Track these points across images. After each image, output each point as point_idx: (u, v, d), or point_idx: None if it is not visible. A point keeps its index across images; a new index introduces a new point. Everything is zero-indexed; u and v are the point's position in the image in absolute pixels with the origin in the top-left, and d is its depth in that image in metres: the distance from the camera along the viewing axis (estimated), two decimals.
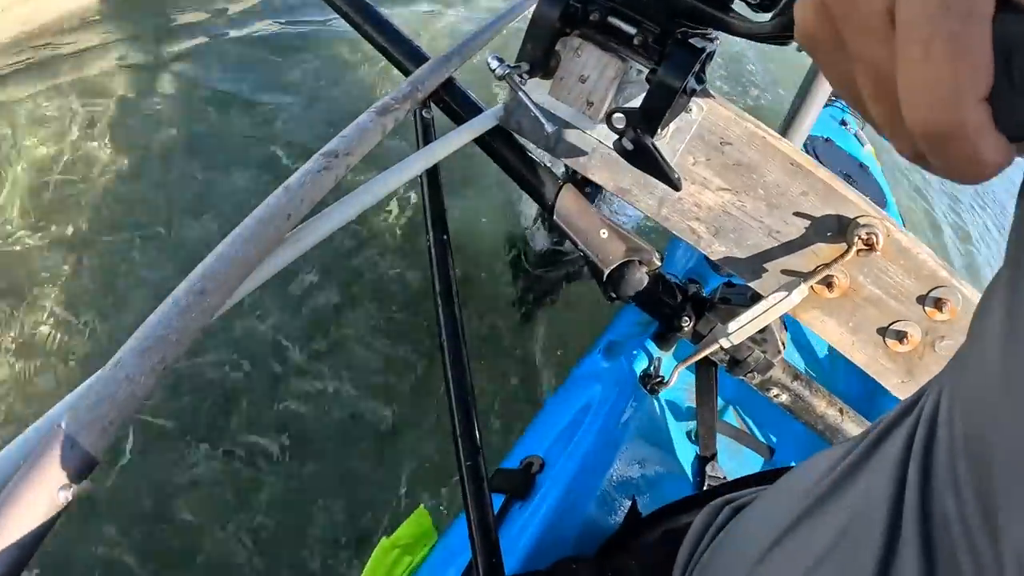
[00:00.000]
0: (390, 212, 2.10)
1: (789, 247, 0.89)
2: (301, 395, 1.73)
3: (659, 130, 0.79)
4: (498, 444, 1.66)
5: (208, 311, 0.58)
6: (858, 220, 0.85)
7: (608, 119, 0.80)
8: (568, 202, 0.99)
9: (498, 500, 0.92)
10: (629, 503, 0.90)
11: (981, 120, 0.26)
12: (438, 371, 0.87)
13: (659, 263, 0.98)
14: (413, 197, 2.10)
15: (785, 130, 1.55)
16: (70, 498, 0.46)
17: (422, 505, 0.93)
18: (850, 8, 0.27)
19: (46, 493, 0.45)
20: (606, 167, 0.93)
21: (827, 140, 1.99)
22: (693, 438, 1.15)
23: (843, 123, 2.27)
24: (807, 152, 1.85)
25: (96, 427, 0.48)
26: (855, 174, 1.92)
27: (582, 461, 0.94)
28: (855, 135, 2.24)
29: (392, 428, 1.72)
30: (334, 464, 1.65)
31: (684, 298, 1.03)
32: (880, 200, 1.92)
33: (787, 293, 0.88)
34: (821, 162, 1.85)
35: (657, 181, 0.83)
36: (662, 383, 1.09)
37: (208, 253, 0.61)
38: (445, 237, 0.91)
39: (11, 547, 0.41)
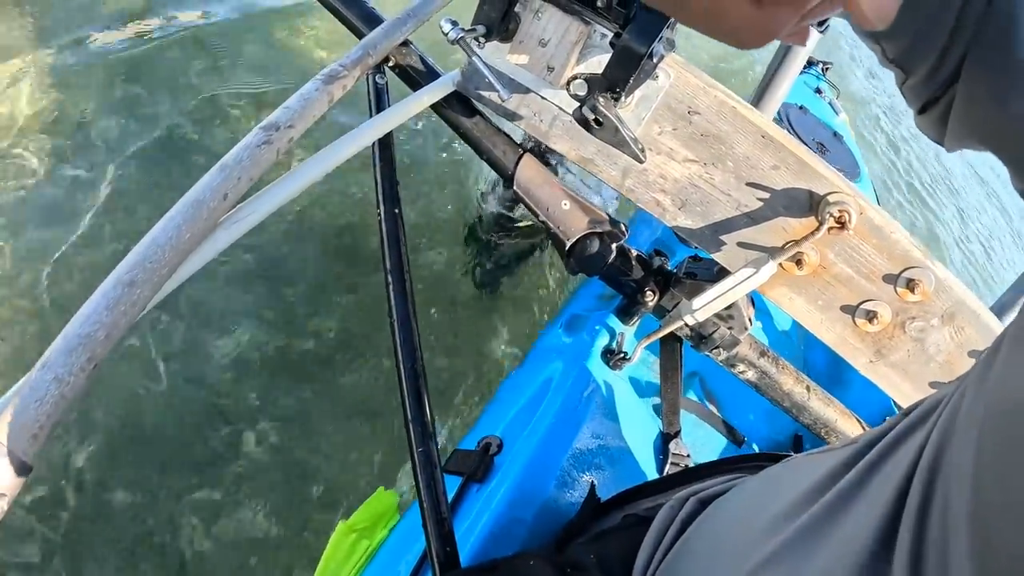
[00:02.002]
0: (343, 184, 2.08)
1: (758, 222, 0.91)
2: (246, 379, 1.73)
3: (623, 98, 0.80)
4: (456, 423, 1.69)
5: (139, 303, 0.58)
6: (829, 197, 0.87)
7: (568, 86, 0.81)
8: (528, 172, 0.99)
9: (456, 482, 0.95)
10: (590, 483, 0.93)
11: None
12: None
13: (624, 235, 1.00)
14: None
15: (758, 100, 1.56)
16: (5, 508, 0.47)
17: (382, 487, 0.96)
18: None
19: None
20: (568, 136, 0.94)
21: (801, 108, 2.02)
22: (657, 414, 1.19)
23: (818, 91, 2.31)
24: (780, 120, 1.88)
25: (26, 433, 0.49)
26: (828, 142, 1.95)
27: (541, 441, 0.97)
28: (830, 103, 2.28)
29: (345, 412, 1.74)
30: (289, 448, 1.67)
31: (648, 272, 1.05)
32: (853, 169, 1.96)
33: (755, 270, 0.90)
34: (795, 130, 1.89)
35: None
36: (624, 359, 1.12)
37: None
38: (397, 211, 0.91)
39: None
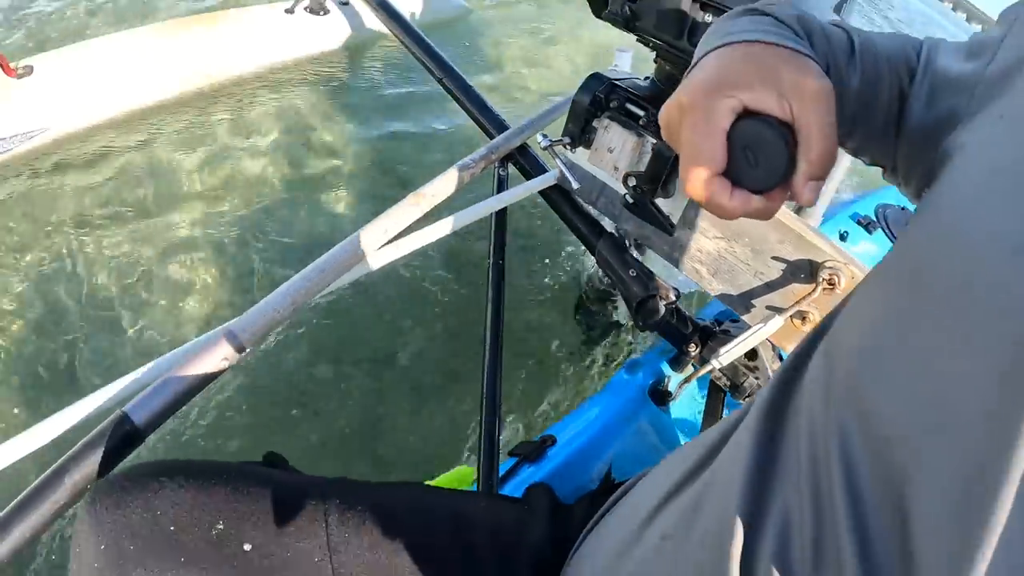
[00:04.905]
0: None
1: (771, 286, 1.17)
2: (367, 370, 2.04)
3: (658, 189, 1.11)
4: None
5: (314, 289, 0.99)
6: (825, 263, 1.11)
7: (624, 180, 1.14)
8: (607, 246, 1.34)
9: (512, 462, 1.23)
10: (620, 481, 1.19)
11: (715, 188, 0.46)
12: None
13: (676, 298, 1.30)
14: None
15: None
16: (225, 367, 0.87)
17: (464, 465, 1.28)
18: (668, 119, 0.51)
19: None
20: (632, 218, 1.27)
21: None
22: None
23: None
24: None
25: (250, 329, 0.91)
26: None
27: (588, 440, 1.24)
28: None
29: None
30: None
31: (694, 329, 1.33)
32: None
33: (763, 324, 1.16)
34: None
35: None
36: (668, 397, 1.38)
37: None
38: (501, 262, 1.29)
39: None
